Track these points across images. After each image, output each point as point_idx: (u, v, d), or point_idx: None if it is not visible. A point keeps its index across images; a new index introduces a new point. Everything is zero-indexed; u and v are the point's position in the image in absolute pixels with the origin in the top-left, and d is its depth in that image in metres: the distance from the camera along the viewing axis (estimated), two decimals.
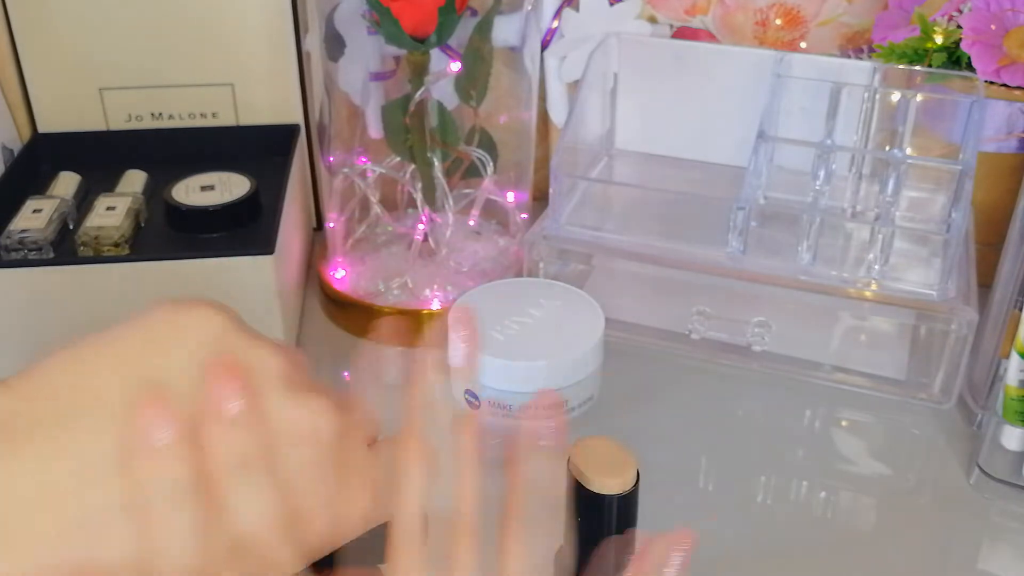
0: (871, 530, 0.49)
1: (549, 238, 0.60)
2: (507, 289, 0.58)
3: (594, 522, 0.40)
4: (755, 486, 0.51)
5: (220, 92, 0.68)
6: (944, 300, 0.54)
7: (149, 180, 0.65)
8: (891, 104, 0.61)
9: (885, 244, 0.56)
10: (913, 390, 0.57)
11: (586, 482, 0.38)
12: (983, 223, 0.63)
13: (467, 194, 0.65)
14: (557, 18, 0.68)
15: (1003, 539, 0.49)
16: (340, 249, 0.65)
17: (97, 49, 0.67)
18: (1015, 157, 0.63)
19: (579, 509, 0.40)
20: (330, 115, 0.62)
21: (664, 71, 0.68)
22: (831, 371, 0.58)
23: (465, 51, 0.59)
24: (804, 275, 0.57)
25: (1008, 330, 0.51)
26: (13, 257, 0.57)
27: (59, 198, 0.62)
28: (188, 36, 0.66)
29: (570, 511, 0.40)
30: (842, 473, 0.52)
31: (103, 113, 0.69)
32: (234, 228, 0.62)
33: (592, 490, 0.38)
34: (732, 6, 0.68)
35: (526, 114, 0.64)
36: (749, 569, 0.47)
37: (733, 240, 0.57)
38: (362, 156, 0.63)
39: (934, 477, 0.52)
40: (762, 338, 0.58)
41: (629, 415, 0.56)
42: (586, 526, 0.40)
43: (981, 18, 0.61)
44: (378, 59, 0.61)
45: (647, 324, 0.61)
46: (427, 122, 0.60)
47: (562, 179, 0.60)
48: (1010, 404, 0.49)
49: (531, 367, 0.52)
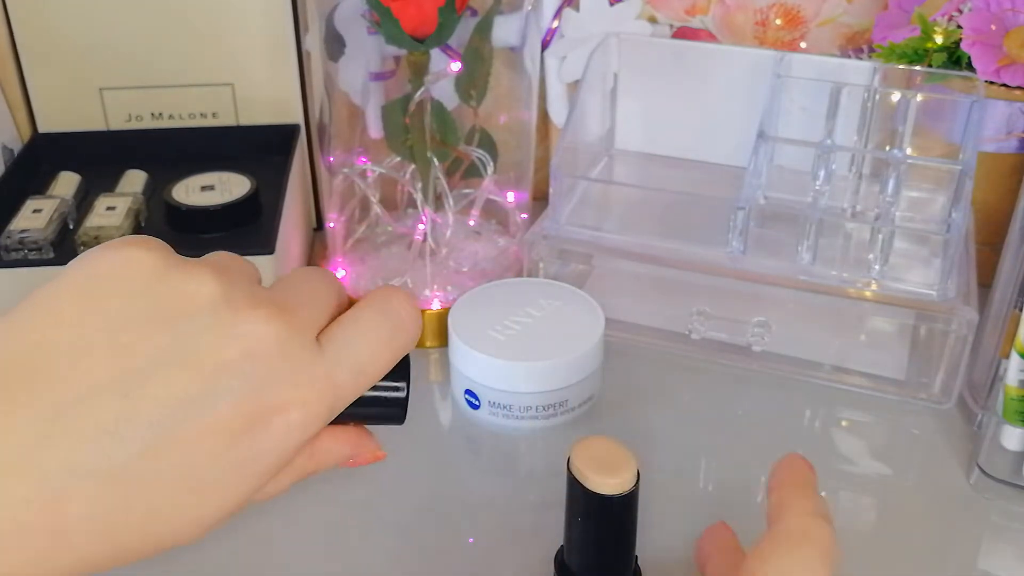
0: (871, 530, 0.49)
1: (549, 238, 0.60)
2: (507, 289, 0.58)
3: (594, 522, 0.40)
4: (755, 486, 0.51)
5: (220, 92, 0.68)
6: (944, 300, 0.54)
7: (149, 180, 0.65)
8: (891, 104, 0.61)
9: (885, 244, 0.56)
10: (913, 390, 0.57)
11: (586, 482, 0.38)
12: (983, 223, 0.63)
13: (467, 194, 0.65)
14: (557, 18, 0.68)
15: (1003, 539, 0.49)
16: (340, 249, 0.65)
17: (97, 49, 0.67)
18: (1015, 157, 0.63)
19: (579, 509, 0.40)
20: (330, 115, 0.62)
21: (664, 71, 0.68)
22: (831, 371, 0.58)
23: (465, 51, 0.59)
24: (804, 275, 0.57)
25: (1008, 330, 0.51)
26: (13, 257, 0.57)
27: (59, 198, 0.62)
28: (188, 36, 0.66)
29: (569, 511, 0.40)
30: (842, 473, 0.52)
31: (103, 113, 0.69)
32: (234, 228, 0.62)
33: (592, 490, 0.38)
34: (732, 6, 0.68)
35: (526, 114, 0.64)
36: None
37: (733, 240, 0.57)
38: (362, 156, 0.63)
39: (934, 477, 0.52)
40: (762, 338, 0.58)
41: (629, 415, 0.56)
42: (585, 526, 0.40)
43: (981, 18, 0.61)
44: (378, 59, 0.61)
45: (647, 324, 0.61)
46: (427, 122, 0.60)
47: (562, 179, 0.60)
48: (1010, 404, 0.49)
49: (531, 367, 0.52)
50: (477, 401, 0.54)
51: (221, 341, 0.28)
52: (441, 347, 0.60)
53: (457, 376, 0.55)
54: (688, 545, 0.47)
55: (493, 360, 0.52)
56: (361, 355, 0.32)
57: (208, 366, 0.28)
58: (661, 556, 0.46)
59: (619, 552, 0.41)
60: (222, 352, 0.28)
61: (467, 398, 0.55)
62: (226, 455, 0.28)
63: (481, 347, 0.53)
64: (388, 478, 0.50)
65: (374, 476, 0.49)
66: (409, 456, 0.52)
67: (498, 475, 0.52)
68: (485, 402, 0.54)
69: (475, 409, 0.54)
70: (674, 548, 0.47)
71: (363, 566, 0.46)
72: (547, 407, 0.53)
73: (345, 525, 0.49)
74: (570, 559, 0.41)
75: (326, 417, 0.31)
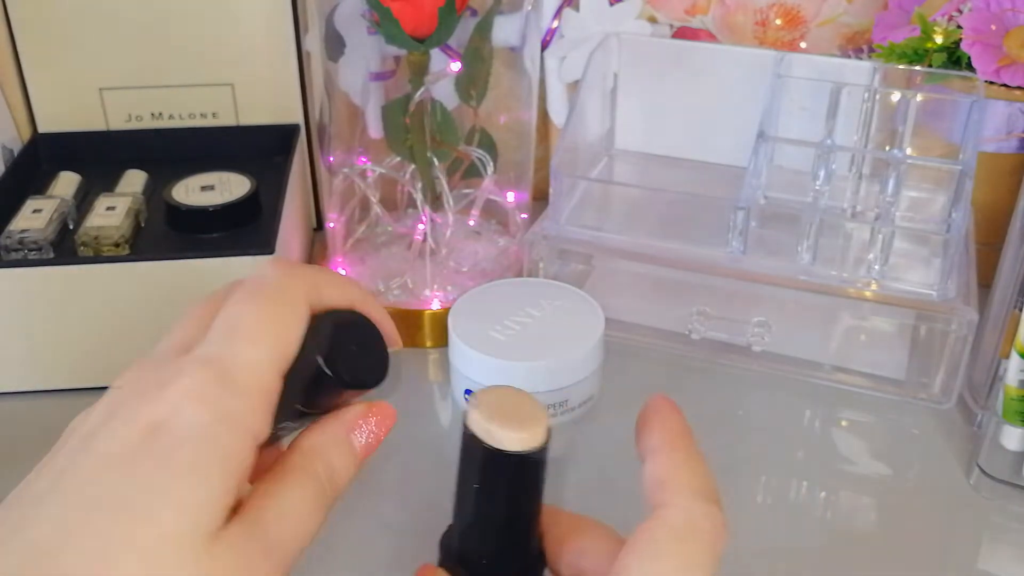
0: (871, 530, 0.49)
1: (549, 238, 0.60)
2: (507, 289, 0.58)
3: (497, 490, 0.32)
4: (755, 486, 0.51)
5: (220, 92, 0.68)
6: (944, 300, 0.54)
7: (149, 180, 0.65)
8: (891, 104, 0.61)
9: (885, 244, 0.56)
10: (913, 390, 0.57)
11: (487, 437, 0.30)
12: (983, 223, 0.63)
13: (467, 194, 0.65)
14: (557, 18, 0.68)
15: (1003, 539, 0.49)
16: (340, 249, 0.65)
17: (97, 49, 0.67)
18: (1015, 157, 0.63)
19: (475, 474, 0.31)
20: (330, 115, 0.62)
21: (664, 71, 0.68)
22: (831, 371, 0.58)
23: (465, 51, 0.59)
24: (804, 275, 0.57)
25: (1008, 330, 0.51)
26: (13, 257, 0.57)
27: (59, 198, 0.62)
28: (188, 36, 0.66)
29: (462, 480, 0.32)
30: (842, 473, 0.52)
31: (103, 113, 0.69)
32: (234, 228, 0.62)
33: (493, 446, 0.30)
34: (732, 6, 0.68)
35: (526, 114, 0.64)
36: (749, 569, 0.47)
37: (733, 240, 0.57)
38: (362, 156, 0.63)
39: (934, 477, 0.52)
40: (762, 338, 0.58)
41: (629, 415, 0.56)
42: (485, 497, 0.32)
43: (981, 18, 0.61)
44: (378, 59, 0.61)
45: (647, 324, 0.61)
46: (427, 122, 0.60)
47: (562, 179, 0.60)
48: (1010, 404, 0.49)
49: (531, 367, 0.52)
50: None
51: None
52: (441, 347, 0.60)
53: (457, 376, 0.55)
54: None
55: (493, 360, 0.52)
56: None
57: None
58: None
59: (524, 529, 0.33)
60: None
61: (467, 398, 0.55)
62: None
63: (481, 347, 0.53)
64: (388, 478, 0.50)
65: (374, 476, 0.49)
66: (409, 456, 0.52)
67: None
68: None
69: None
70: None
71: (363, 566, 0.46)
72: (547, 407, 0.53)
73: (345, 525, 0.49)
74: (463, 542, 0.33)
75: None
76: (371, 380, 0.32)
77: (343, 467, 0.31)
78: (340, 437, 0.31)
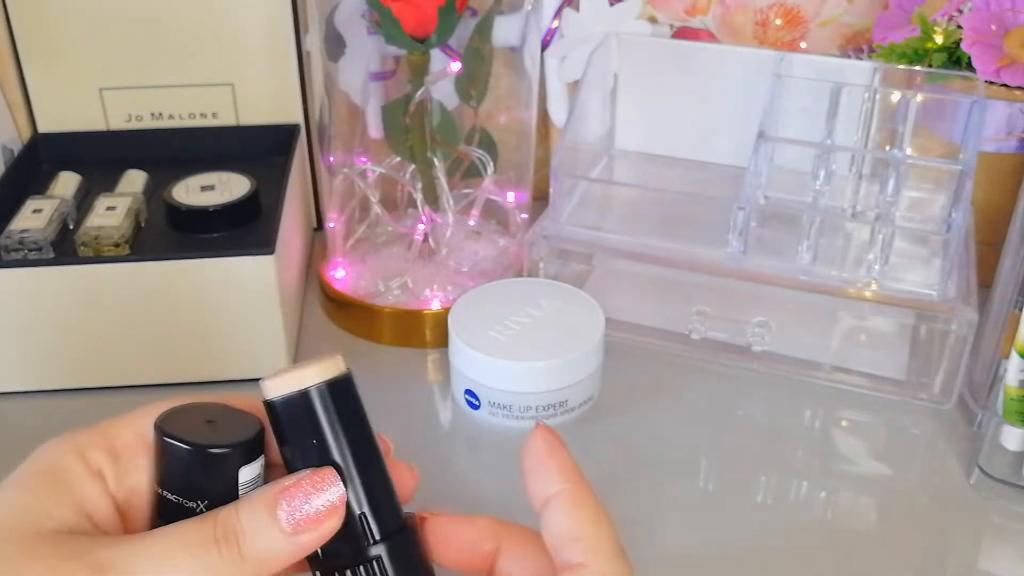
0: (871, 530, 0.49)
1: (549, 238, 0.60)
2: (507, 289, 0.58)
3: (327, 431, 0.29)
4: (755, 486, 0.51)
5: (220, 92, 0.68)
6: (944, 300, 0.54)
7: (149, 180, 0.65)
8: (891, 104, 0.61)
9: (885, 244, 0.56)
10: (913, 390, 0.57)
11: (296, 383, 0.28)
12: (983, 223, 0.63)
13: (467, 194, 0.65)
14: (557, 18, 0.68)
15: (1003, 539, 0.49)
16: (340, 249, 0.65)
17: (97, 49, 0.67)
18: (1015, 157, 0.63)
19: (302, 430, 0.29)
20: (330, 115, 0.62)
21: (664, 71, 0.68)
22: (831, 371, 0.58)
23: (465, 51, 0.59)
24: (804, 275, 0.57)
25: (1008, 330, 0.51)
26: (13, 257, 0.57)
27: (59, 198, 0.62)
28: (188, 36, 0.66)
29: (296, 453, 0.30)
30: (842, 473, 0.52)
31: (103, 113, 0.69)
32: (234, 228, 0.62)
33: (310, 385, 0.28)
34: (732, 6, 0.68)
35: (526, 114, 0.64)
36: (749, 569, 0.47)
37: (733, 240, 0.57)
38: (362, 156, 0.64)
39: (934, 477, 0.52)
40: (762, 338, 0.58)
41: (629, 415, 0.56)
42: (316, 446, 0.30)
43: (981, 18, 0.61)
44: (378, 59, 0.61)
45: (647, 324, 0.61)
46: (427, 122, 0.60)
47: (562, 179, 0.60)
48: (1010, 404, 0.49)
49: (531, 367, 0.52)
50: (477, 401, 0.54)
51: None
52: (441, 347, 0.60)
53: (457, 376, 0.55)
54: (688, 545, 0.47)
55: (493, 360, 0.52)
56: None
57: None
58: (661, 555, 0.46)
59: (370, 484, 0.31)
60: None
61: (467, 398, 0.55)
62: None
63: (481, 347, 0.53)
64: None
65: None
66: (409, 456, 0.52)
67: (498, 475, 0.52)
68: (485, 402, 0.54)
69: (475, 409, 0.54)
70: (674, 547, 0.47)
71: None
72: (547, 407, 0.53)
73: None
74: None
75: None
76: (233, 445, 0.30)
77: (252, 531, 0.29)
78: (255, 504, 0.29)
